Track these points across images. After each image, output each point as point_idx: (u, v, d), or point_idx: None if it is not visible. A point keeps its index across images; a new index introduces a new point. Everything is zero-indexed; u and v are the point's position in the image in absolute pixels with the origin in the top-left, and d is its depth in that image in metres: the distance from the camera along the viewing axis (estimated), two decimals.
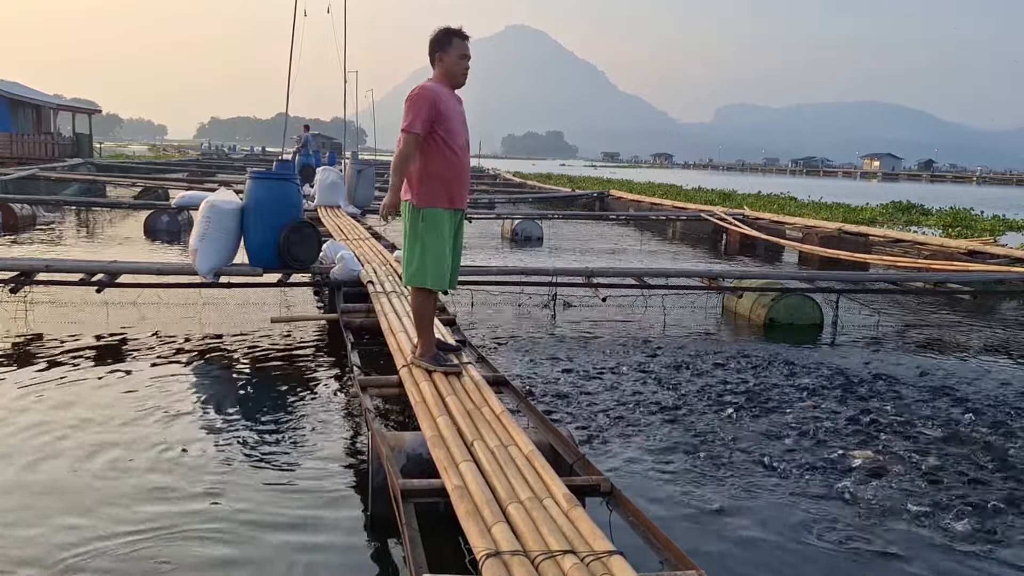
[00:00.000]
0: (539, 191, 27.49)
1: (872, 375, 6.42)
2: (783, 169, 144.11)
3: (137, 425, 4.74)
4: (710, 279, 8.92)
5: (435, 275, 4.37)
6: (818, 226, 15.36)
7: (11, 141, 28.83)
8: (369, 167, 16.90)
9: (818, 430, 5.00)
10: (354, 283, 7.27)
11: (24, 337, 6.79)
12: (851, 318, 8.91)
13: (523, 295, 9.00)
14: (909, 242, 13.19)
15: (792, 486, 4.17)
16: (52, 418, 4.82)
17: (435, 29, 4.38)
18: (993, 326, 9.28)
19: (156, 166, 35.53)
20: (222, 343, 6.85)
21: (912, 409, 5.53)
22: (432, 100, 4.24)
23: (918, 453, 4.66)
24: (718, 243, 17.12)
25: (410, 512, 2.93)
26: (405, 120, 4.23)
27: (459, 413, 3.72)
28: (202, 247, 7.04)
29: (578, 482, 3.16)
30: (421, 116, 4.20)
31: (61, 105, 39.64)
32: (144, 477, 4.03)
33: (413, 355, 4.52)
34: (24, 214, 15.60)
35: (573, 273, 8.92)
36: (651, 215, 20.34)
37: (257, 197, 7.30)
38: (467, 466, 3.12)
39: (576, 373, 6.19)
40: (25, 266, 7.50)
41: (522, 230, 16.24)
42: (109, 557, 3.27)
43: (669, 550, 2.68)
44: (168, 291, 7.95)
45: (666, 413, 5.23)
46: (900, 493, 4.11)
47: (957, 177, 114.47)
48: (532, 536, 2.58)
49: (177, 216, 14.69)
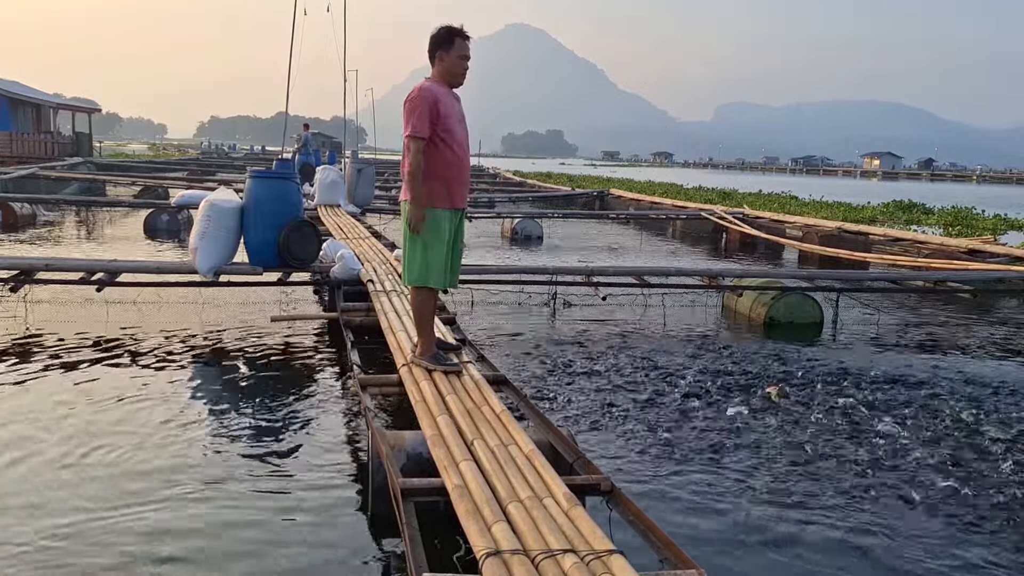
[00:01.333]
0: (539, 190, 27.48)
1: (871, 372, 6.43)
2: (783, 168, 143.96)
3: (136, 424, 4.74)
4: (710, 278, 8.92)
5: (436, 275, 4.36)
6: (818, 225, 15.36)
7: (11, 140, 28.82)
8: (369, 166, 16.91)
9: (820, 430, 5.01)
10: (354, 282, 7.27)
11: (24, 336, 6.79)
12: (851, 317, 8.91)
13: (523, 294, 9.00)
14: (909, 241, 13.19)
15: (792, 486, 4.17)
16: (51, 417, 4.82)
17: (437, 27, 4.36)
18: (995, 325, 9.29)
19: (156, 165, 35.53)
20: (222, 342, 6.85)
21: (903, 401, 5.53)
22: (432, 101, 4.21)
23: (925, 444, 4.67)
24: (718, 242, 17.12)
25: (410, 511, 2.93)
26: (408, 126, 4.17)
27: (459, 412, 3.72)
28: (202, 246, 7.04)
29: (578, 481, 3.16)
30: (424, 118, 4.17)
31: (61, 104, 39.64)
32: (143, 476, 4.03)
33: (413, 354, 4.52)
34: (24, 213, 15.60)
35: (573, 272, 8.92)
36: (651, 214, 20.33)
37: (257, 196, 7.30)
38: (467, 465, 3.12)
39: (576, 372, 6.18)
40: (25, 265, 7.50)
41: (522, 229, 16.23)
42: (108, 556, 3.27)
43: (669, 549, 2.68)
44: (168, 290, 7.95)
45: (667, 413, 5.23)
46: (906, 485, 4.11)
47: (957, 176, 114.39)
48: (532, 535, 2.58)
49: (177, 215, 14.68)
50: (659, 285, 8.85)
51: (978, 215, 20.84)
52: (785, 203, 22.65)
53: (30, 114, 33.82)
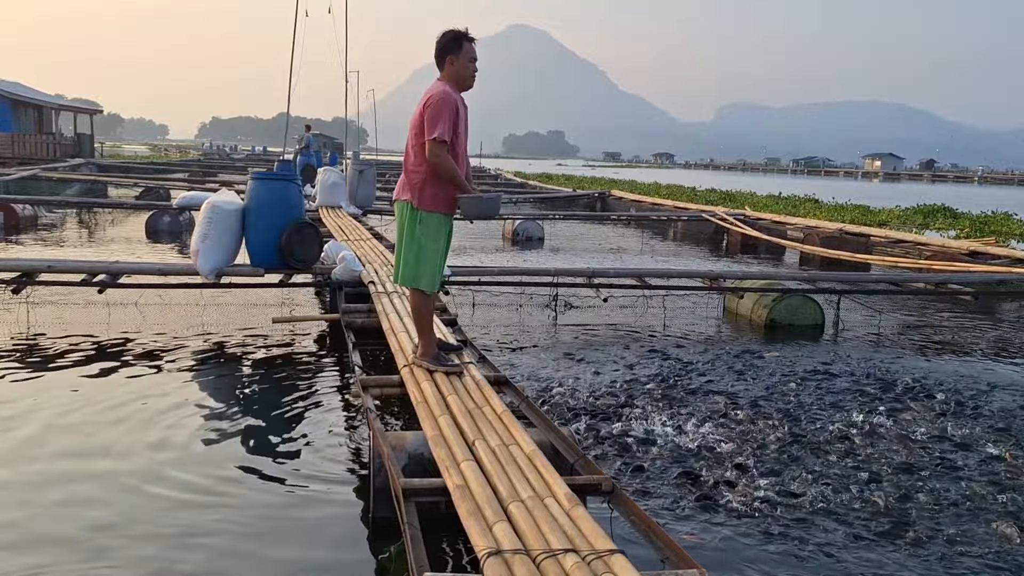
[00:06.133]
0: (540, 191, 27.46)
1: (871, 374, 6.43)
2: (784, 169, 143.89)
3: (138, 425, 4.75)
4: (711, 279, 8.92)
5: (428, 277, 4.39)
6: (819, 226, 15.35)
7: (13, 141, 28.87)
8: (370, 167, 16.91)
9: (822, 432, 5.02)
10: (355, 283, 7.28)
11: (26, 338, 6.80)
12: (852, 318, 8.91)
13: (524, 295, 9.01)
14: (910, 243, 13.18)
15: (793, 487, 4.17)
16: (52, 418, 4.83)
17: (442, 32, 4.38)
18: (999, 326, 9.28)
19: (157, 166, 35.56)
20: (224, 343, 6.86)
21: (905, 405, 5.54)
22: (455, 107, 4.26)
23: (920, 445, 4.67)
24: (719, 243, 17.11)
25: (411, 511, 2.94)
26: (436, 128, 4.16)
27: (460, 413, 3.73)
28: (204, 247, 7.05)
29: (579, 481, 3.17)
30: (448, 123, 4.20)
31: (63, 105, 39.68)
32: (144, 477, 4.04)
33: (414, 355, 4.53)
34: (26, 214, 15.62)
35: (574, 273, 8.92)
36: (652, 215, 20.33)
37: (258, 198, 7.32)
38: (468, 465, 3.12)
39: (577, 373, 6.19)
40: (27, 266, 7.51)
41: (523, 230, 16.24)
42: (108, 557, 3.28)
43: (670, 549, 2.69)
44: (170, 291, 7.96)
45: (667, 413, 5.23)
46: (907, 490, 4.12)
47: (959, 177, 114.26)
48: (533, 535, 2.59)
49: (179, 216, 14.69)
50: (660, 287, 8.85)
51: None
52: (800, 205, 22.03)
53: (32, 115, 33.83)
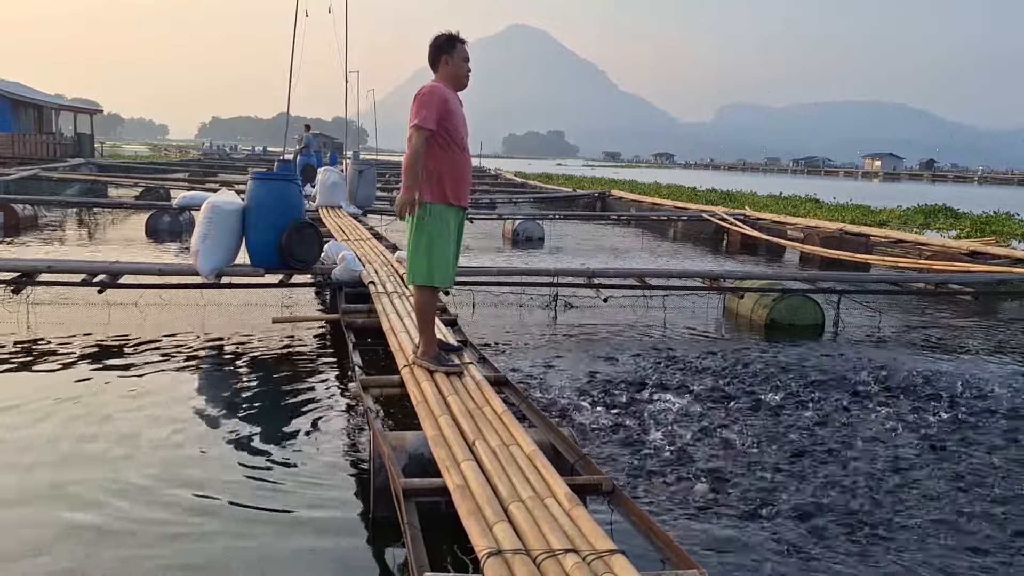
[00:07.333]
0: (540, 191, 27.46)
1: (873, 375, 6.44)
2: (784, 169, 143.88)
3: (138, 426, 4.75)
4: (711, 280, 8.92)
5: (440, 273, 4.41)
6: (819, 226, 15.35)
7: (13, 141, 28.85)
8: (370, 167, 16.92)
9: (823, 432, 5.02)
10: (355, 283, 7.28)
11: (26, 338, 6.80)
12: (852, 319, 8.91)
13: (524, 295, 9.01)
14: (910, 243, 13.18)
15: (793, 487, 4.17)
16: (53, 418, 4.83)
17: (437, 35, 4.50)
18: (999, 327, 9.28)
19: (157, 166, 35.56)
20: (224, 344, 6.86)
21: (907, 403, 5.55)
22: (444, 98, 4.33)
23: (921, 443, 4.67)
24: (719, 243, 17.11)
25: (412, 511, 2.94)
26: (416, 116, 4.26)
27: (460, 413, 3.73)
28: (204, 248, 7.05)
29: (580, 481, 3.17)
30: (433, 113, 4.26)
31: (63, 105, 39.66)
32: (144, 478, 4.04)
33: (415, 355, 4.53)
34: (26, 214, 15.61)
35: (574, 273, 8.92)
36: (652, 215, 20.33)
37: (258, 198, 7.32)
38: (469, 465, 3.12)
39: (577, 373, 6.19)
40: (27, 267, 7.51)
41: (523, 230, 16.23)
42: (108, 558, 3.28)
43: (670, 549, 2.69)
44: (170, 292, 7.96)
45: (667, 413, 5.24)
46: (907, 491, 4.12)
47: (959, 177, 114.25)
48: (534, 535, 2.59)
49: (179, 216, 14.68)
50: (660, 287, 8.85)
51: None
52: (801, 205, 21.95)
53: (32, 115, 33.82)
